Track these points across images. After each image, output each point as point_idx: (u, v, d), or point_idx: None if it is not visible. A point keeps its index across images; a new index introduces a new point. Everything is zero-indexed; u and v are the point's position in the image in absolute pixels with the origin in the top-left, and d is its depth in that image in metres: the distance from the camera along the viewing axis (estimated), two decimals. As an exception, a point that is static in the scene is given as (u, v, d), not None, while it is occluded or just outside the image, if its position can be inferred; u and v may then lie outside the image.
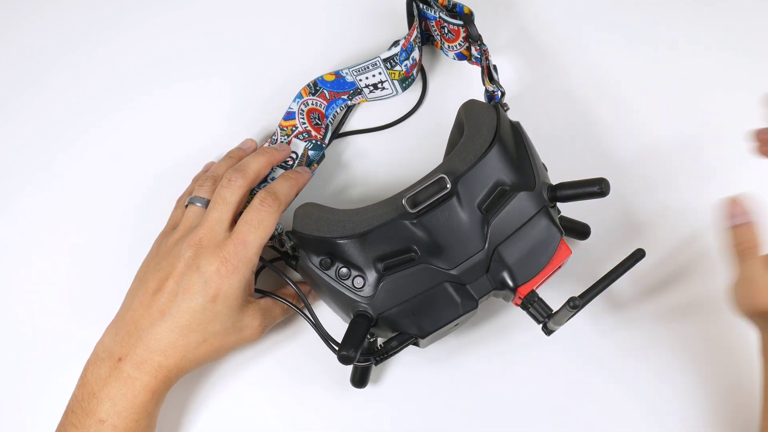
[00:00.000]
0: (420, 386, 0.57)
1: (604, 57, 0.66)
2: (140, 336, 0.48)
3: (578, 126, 0.63)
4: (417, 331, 0.49)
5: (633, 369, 0.56)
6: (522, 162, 0.51)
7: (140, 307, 0.49)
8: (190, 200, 0.53)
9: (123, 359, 0.48)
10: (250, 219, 0.50)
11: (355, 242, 0.49)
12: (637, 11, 0.68)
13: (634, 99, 0.64)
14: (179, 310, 0.48)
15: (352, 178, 0.63)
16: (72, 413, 0.48)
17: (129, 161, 0.64)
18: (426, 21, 0.62)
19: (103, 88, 0.66)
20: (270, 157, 0.55)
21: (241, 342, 0.52)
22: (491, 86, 0.56)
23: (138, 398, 0.48)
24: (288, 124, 0.61)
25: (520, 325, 0.58)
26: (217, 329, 0.49)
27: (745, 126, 0.64)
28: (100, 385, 0.48)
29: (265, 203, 0.51)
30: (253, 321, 0.52)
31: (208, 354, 0.50)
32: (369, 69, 0.61)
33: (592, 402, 0.56)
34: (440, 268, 0.49)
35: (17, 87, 0.67)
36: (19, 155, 0.64)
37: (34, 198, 0.63)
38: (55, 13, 0.69)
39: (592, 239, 0.57)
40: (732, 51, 0.66)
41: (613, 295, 0.58)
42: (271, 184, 0.53)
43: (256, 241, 0.50)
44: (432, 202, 0.48)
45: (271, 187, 0.52)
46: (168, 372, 0.49)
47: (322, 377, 0.57)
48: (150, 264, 0.52)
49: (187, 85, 0.66)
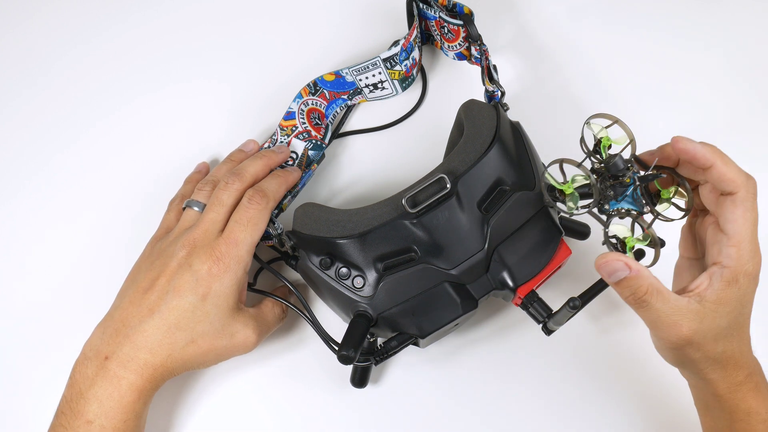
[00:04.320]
0: (420, 386, 0.57)
1: (604, 57, 0.66)
2: (127, 334, 0.48)
3: (578, 126, 0.63)
4: (417, 331, 0.49)
5: (633, 369, 0.56)
6: (522, 162, 0.51)
7: (130, 306, 0.49)
8: (188, 203, 0.54)
9: (109, 357, 0.48)
10: (239, 218, 0.50)
11: (355, 242, 0.49)
12: (637, 11, 0.68)
13: (634, 99, 0.65)
14: (168, 308, 0.48)
15: (352, 178, 0.63)
16: (62, 414, 0.48)
17: (128, 162, 0.64)
18: (426, 21, 0.62)
19: (103, 89, 0.66)
20: (268, 160, 0.56)
21: (233, 349, 0.51)
22: (491, 86, 0.56)
23: (125, 398, 0.48)
24: (288, 124, 0.61)
25: (520, 325, 0.58)
26: (205, 329, 0.49)
27: (746, 126, 0.64)
28: (87, 385, 0.48)
29: (253, 201, 0.51)
30: (246, 328, 0.51)
31: (196, 356, 0.50)
32: (369, 69, 0.61)
33: (592, 402, 0.56)
34: (440, 268, 0.49)
35: (17, 87, 0.67)
36: (17, 155, 0.64)
37: (30, 198, 0.63)
38: (55, 14, 0.69)
39: (592, 239, 0.57)
40: (732, 51, 0.66)
41: (613, 295, 0.58)
42: (259, 183, 0.53)
43: (246, 240, 0.50)
44: (432, 202, 0.48)
45: (260, 185, 0.53)
46: (154, 371, 0.48)
47: (322, 377, 0.57)
48: (143, 264, 0.52)
49: (187, 85, 0.66)
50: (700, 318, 0.42)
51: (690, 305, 0.42)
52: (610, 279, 0.42)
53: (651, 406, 0.56)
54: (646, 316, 0.43)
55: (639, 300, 0.42)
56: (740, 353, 0.45)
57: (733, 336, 0.44)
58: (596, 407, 0.56)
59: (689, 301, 0.43)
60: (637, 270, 0.42)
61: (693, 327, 0.42)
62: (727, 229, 0.42)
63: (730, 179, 0.42)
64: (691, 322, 0.42)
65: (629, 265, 0.41)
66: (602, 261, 0.42)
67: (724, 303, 0.43)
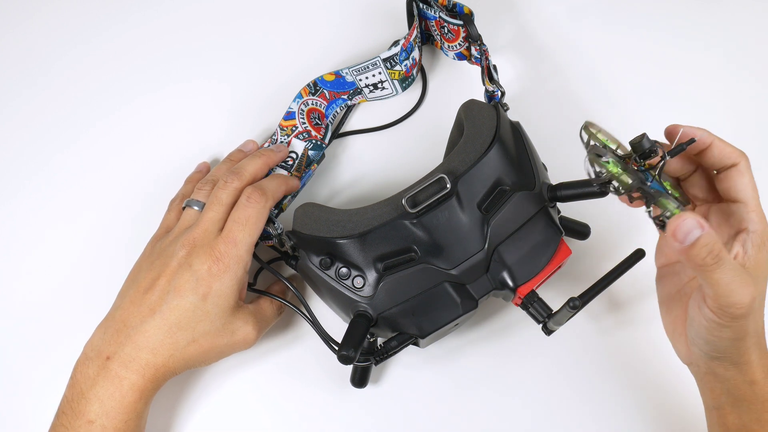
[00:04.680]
0: (420, 386, 0.57)
1: (604, 57, 0.66)
2: (129, 334, 0.48)
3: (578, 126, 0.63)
4: (417, 331, 0.49)
5: (633, 369, 0.56)
6: (522, 162, 0.51)
7: (131, 306, 0.49)
8: (188, 203, 0.54)
9: (111, 358, 0.48)
10: (238, 217, 0.50)
11: (355, 242, 0.49)
12: (637, 11, 0.68)
13: (634, 98, 0.65)
14: (169, 308, 0.48)
15: (352, 178, 0.63)
16: (63, 414, 0.48)
17: (128, 162, 0.64)
18: (426, 21, 0.62)
19: (103, 89, 0.66)
20: (267, 159, 0.56)
21: (233, 346, 0.51)
22: (491, 86, 0.56)
23: (126, 398, 0.48)
24: (288, 124, 0.61)
25: (520, 325, 0.58)
26: (206, 329, 0.49)
27: (746, 125, 0.64)
28: (88, 385, 0.48)
29: (252, 199, 0.51)
30: (246, 325, 0.51)
31: (197, 355, 0.50)
32: (369, 69, 0.61)
33: (591, 402, 0.56)
34: (440, 268, 0.49)
35: (17, 87, 0.67)
36: (17, 155, 0.64)
37: (30, 198, 0.63)
38: (55, 14, 0.69)
39: (592, 239, 0.57)
40: (732, 51, 0.66)
41: (613, 295, 0.58)
42: (258, 181, 0.53)
43: (245, 239, 0.50)
44: (432, 202, 0.48)
45: (259, 183, 0.53)
46: (155, 371, 0.49)
47: (322, 377, 0.57)
48: (143, 264, 0.52)
49: (187, 85, 0.66)
50: (754, 282, 0.42)
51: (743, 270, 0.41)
52: (685, 242, 0.40)
53: (651, 406, 0.56)
54: (720, 277, 0.41)
55: (716, 257, 0.40)
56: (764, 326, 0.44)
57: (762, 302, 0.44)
58: (596, 407, 0.56)
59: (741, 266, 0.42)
60: (710, 228, 0.40)
61: (752, 291, 0.41)
62: (741, 197, 0.44)
63: (731, 152, 0.44)
64: (751, 286, 0.41)
65: (701, 224, 0.40)
66: (675, 224, 0.40)
67: (761, 268, 0.43)
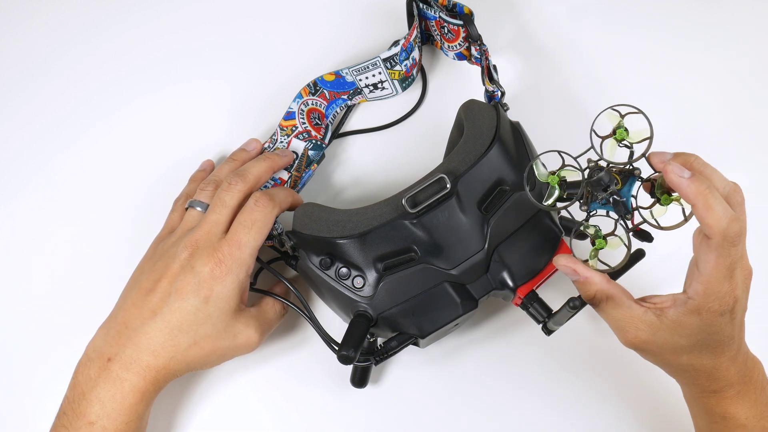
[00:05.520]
0: (420, 386, 0.57)
1: (604, 57, 0.66)
2: (130, 336, 0.48)
3: (578, 126, 0.63)
4: (417, 331, 0.49)
5: (633, 369, 0.56)
6: (522, 162, 0.51)
7: (132, 307, 0.49)
8: (190, 204, 0.53)
9: (112, 359, 0.48)
10: (244, 220, 0.50)
11: (355, 242, 0.49)
12: (637, 11, 0.68)
13: (635, 99, 0.64)
14: (170, 310, 0.48)
15: (352, 178, 0.63)
16: (63, 415, 0.48)
17: (129, 162, 0.64)
18: (426, 21, 0.62)
19: (103, 89, 0.66)
20: (272, 163, 0.56)
21: (236, 349, 0.51)
22: (491, 86, 0.56)
23: (127, 400, 0.48)
24: (288, 124, 0.61)
25: (520, 325, 0.58)
26: (208, 332, 0.49)
27: (746, 126, 0.64)
28: (89, 386, 0.48)
29: (260, 203, 0.51)
30: (248, 328, 0.51)
31: (199, 357, 0.50)
32: (369, 69, 0.61)
33: (591, 401, 0.56)
34: (440, 268, 0.49)
35: (17, 87, 0.67)
36: (17, 155, 0.64)
37: (31, 198, 0.63)
38: (55, 14, 0.69)
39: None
40: (732, 51, 0.66)
41: (613, 295, 0.58)
42: (268, 189, 0.53)
43: (250, 243, 0.50)
44: (432, 202, 0.48)
45: (268, 190, 0.53)
46: (156, 373, 0.48)
47: (322, 377, 0.57)
48: (145, 265, 0.52)
49: (187, 85, 0.66)
50: (653, 330, 0.44)
51: (646, 316, 0.44)
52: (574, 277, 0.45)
53: (651, 406, 0.56)
54: (600, 315, 0.46)
55: (589, 302, 0.45)
56: (715, 368, 0.45)
57: (702, 353, 0.44)
58: (596, 407, 0.56)
59: (646, 312, 0.44)
60: (586, 276, 0.44)
61: (642, 337, 0.44)
62: (699, 267, 0.42)
63: (707, 225, 0.40)
64: (641, 332, 0.44)
65: (577, 271, 0.44)
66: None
67: (684, 326, 0.43)
